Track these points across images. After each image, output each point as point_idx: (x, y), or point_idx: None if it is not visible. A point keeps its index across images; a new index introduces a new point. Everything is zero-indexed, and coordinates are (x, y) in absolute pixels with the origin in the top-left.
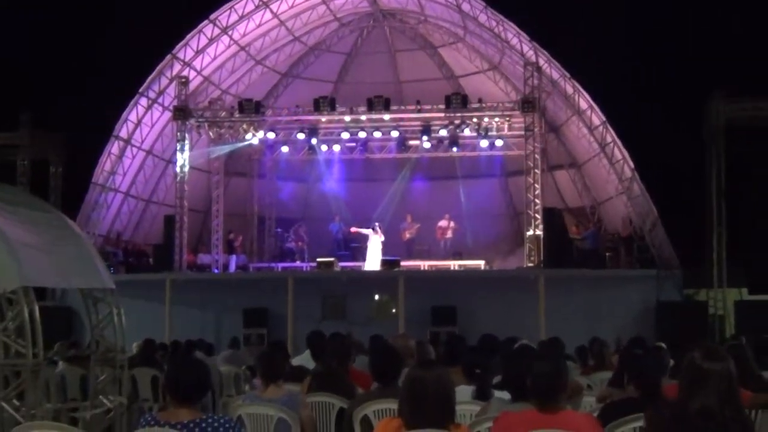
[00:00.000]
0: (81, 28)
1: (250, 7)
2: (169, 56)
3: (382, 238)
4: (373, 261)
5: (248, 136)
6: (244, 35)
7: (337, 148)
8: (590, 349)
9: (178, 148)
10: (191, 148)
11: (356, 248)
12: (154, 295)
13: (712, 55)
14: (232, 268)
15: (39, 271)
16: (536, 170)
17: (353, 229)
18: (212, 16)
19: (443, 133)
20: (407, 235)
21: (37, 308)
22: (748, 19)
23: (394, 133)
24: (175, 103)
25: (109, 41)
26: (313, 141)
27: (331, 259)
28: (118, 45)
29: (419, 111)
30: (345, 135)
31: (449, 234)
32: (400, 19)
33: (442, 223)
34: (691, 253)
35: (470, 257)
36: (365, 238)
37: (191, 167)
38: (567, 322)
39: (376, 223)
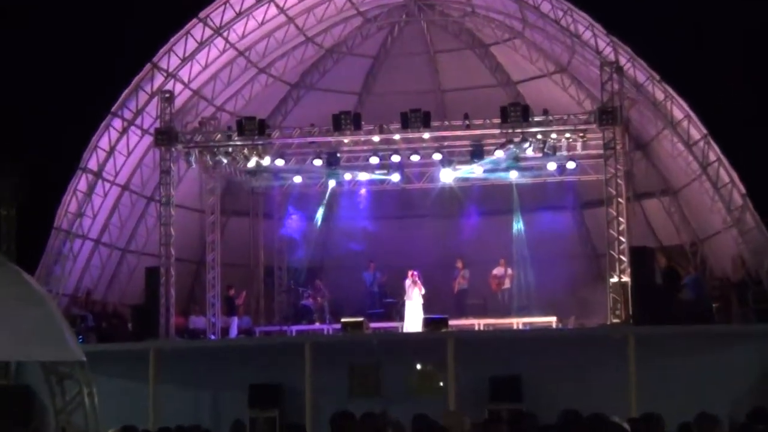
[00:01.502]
0: (37, 34)
1: (250, 1)
2: (148, 66)
3: (423, 291)
4: (413, 320)
5: (251, 164)
6: (243, 37)
7: (364, 176)
8: (697, 427)
9: (161, 181)
10: (178, 182)
11: (391, 305)
12: (134, 369)
13: None
14: (234, 333)
15: None
16: (620, 199)
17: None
18: (202, 14)
19: (499, 154)
20: (457, 286)
21: None
22: None
23: (437, 156)
24: (156, 125)
25: (75, 49)
26: (334, 169)
27: (360, 318)
28: (86, 54)
29: (468, 127)
30: (374, 160)
31: (506, 284)
32: (441, 11)
33: (498, 270)
34: None
35: (538, 313)
36: (401, 291)
37: (178, 206)
38: (666, 394)
39: (415, 272)
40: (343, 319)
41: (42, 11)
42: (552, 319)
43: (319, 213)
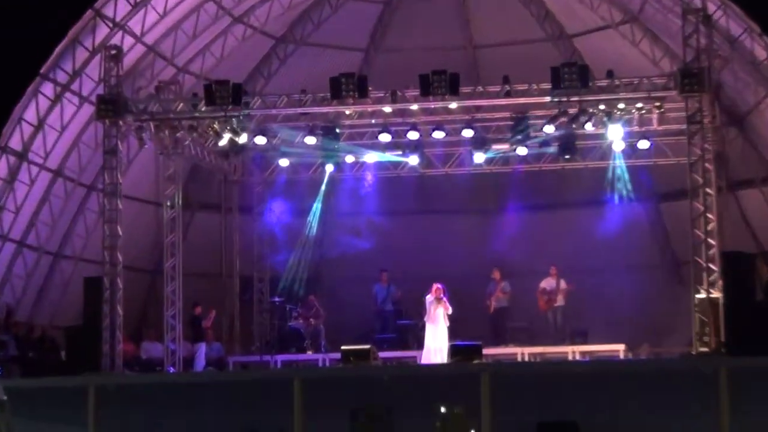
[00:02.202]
0: None
1: None
2: (89, 13)
3: (450, 311)
4: (436, 349)
5: (223, 142)
6: None
7: (371, 159)
8: None
9: (105, 165)
10: (128, 166)
11: (407, 328)
12: (68, 410)
13: None
14: (201, 364)
15: None
16: (708, 190)
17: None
18: None
19: (549, 130)
20: (495, 304)
21: None
22: None
23: (467, 133)
24: (100, 91)
25: None
26: (332, 149)
27: (366, 346)
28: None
29: (508, 94)
30: (384, 137)
31: (559, 300)
32: None
33: (547, 283)
34: None
35: (599, 339)
36: (421, 310)
37: (128, 197)
38: None
39: (440, 286)
40: (344, 347)
41: None
42: (619, 348)
43: (314, 207)
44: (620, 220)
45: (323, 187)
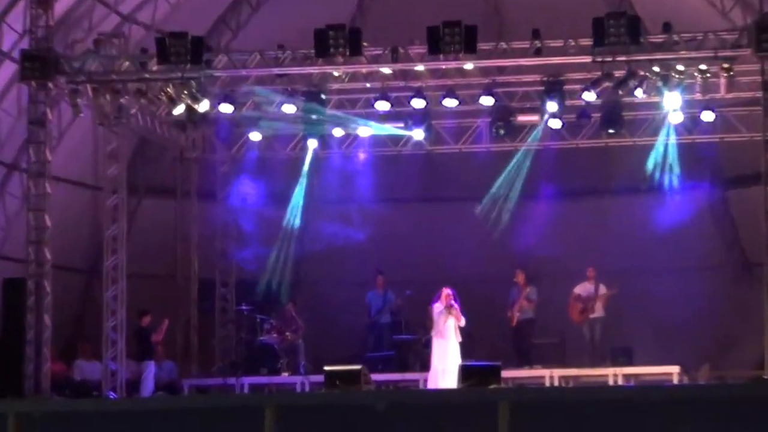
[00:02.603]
0: None
1: None
2: None
3: (463, 323)
4: (444, 369)
5: (178, 110)
6: None
7: (365, 133)
8: None
9: (30, 138)
10: (59, 140)
11: (408, 345)
12: None
13: None
14: (149, 388)
15: None
16: None
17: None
18: None
19: (589, 97)
20: (518, 314)
21: None
22: None
23: (486, 101)
24: (24, 45)
25: None
26: (316, 119)
27: (356, 367)
28: None
29: (538, 53)
30: (382, 105)
31: (598, 310)
32: None
33: (583, 288)
34: None
35: (647, 359)
36: (425, 321)
37: (59, 179)
38: None
39: (450, 291)
40: (327, 368)
41: None
42: (672, 370)
43: (296, 193)
44: (676, 210)
45: (305, 168)
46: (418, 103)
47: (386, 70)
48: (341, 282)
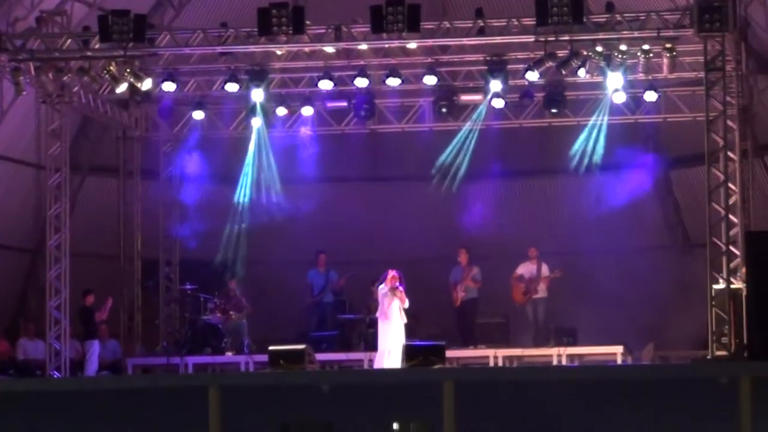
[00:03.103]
0: None
1: None
2: None
3: (406, 304)
4: (389, 350)
5: (121, 88)
6: None
7: (308, 111)
8: None
9: None
10: (1, 118)
11: (352, 324)
12: None
13: None
14: (93, 367)
15: None
16: (731, 154)
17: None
18: None
19: (532, 77)
20: (461, 294)
21: None
22: None
23: (429, 80)
24: None
25: None
26: (257, 97)
27: (300, 346)
28: None
29: (481, 32)
30: (325, 84)
31: (542, 291)
32: None
33: (525, 268)
34: None
35: (591, 340)
36: (370, 302)
37: (1, 157)
38: None
39: (395, 272)
40: (272, 348)
41: None
42: (616, 350)
43: (245, 173)
44: (619, 191)
45: (250, 149)
46: (361, 83)
47: (329, 48)
48: (285, 261)
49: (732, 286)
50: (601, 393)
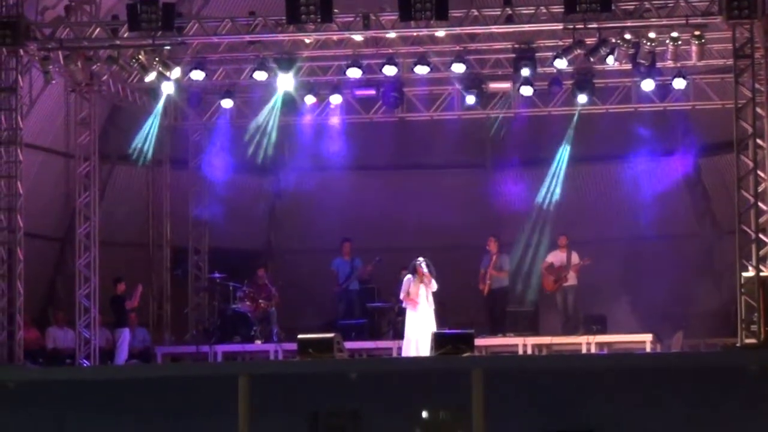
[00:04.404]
0: None
1: None
2: None
3: (434, 287)
4: (417, 338)
5: (150, 77)
6: None
7: (336, 100)
8: None
9: (1, 105)
10: (30, 107)
11: (380, 313)
12: None
13: None
14: (123, 356)
15: None
16: (760, 141)
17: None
18: None
19: (560, 64)
20: (490, 283)
21: None
22: None
23: (458, 68)
24: None
25: None
26: (286, 86)
27: (329, 335)
28: None
29: (509, 20)
30: (353, 72)
31: (571, 279)
32: None
33: (555, 256)
34: None
35: (621, 328)
36: (398, 290)
37: (30, 146)
38: None
39: (421, 260)
40: (301, 336)
41: None
42: (645, 338)
43: (267, 161)
44: (648, 178)
45: (274, 136)
46: (389, 71)
47: (357, 37)
48: (314, 249)
49: (761, 274)
50: (630, 381)
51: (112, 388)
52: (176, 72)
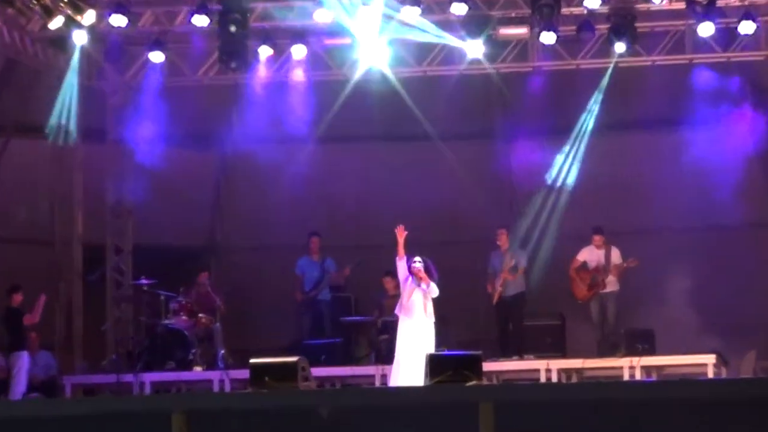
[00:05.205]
0: None
1: None
2: None
3: (435, 294)
4: (409, 359)
5: (55, 23)
6: None
7: (299, 52)
8: None
9: None
10: None
11: (358, 328)
12: None
13: None
14: (21, 387)
15: None
16: None
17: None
18: None
19: (592, 3)
20: (501, 288)
21: None
22: None
23: (458, 8)
24: None
25: None
26: (237, 36)
27: (291, 359)
28: None
29: None
30: (322, 16)
31: (611, 284)
32: None
33: (590, 253)
34: None
35: (673, 346)
36: (384, 298)
37: None
38: None
39: (420, 260)
40: (254, 361)
41: None
42: (708, 360)
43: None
44: (707, 150)
45: (219, 97)
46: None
47: None
48: (271, 246)
49: None
50: (687, 417)
51: (7, 430)
52: (90, 16)
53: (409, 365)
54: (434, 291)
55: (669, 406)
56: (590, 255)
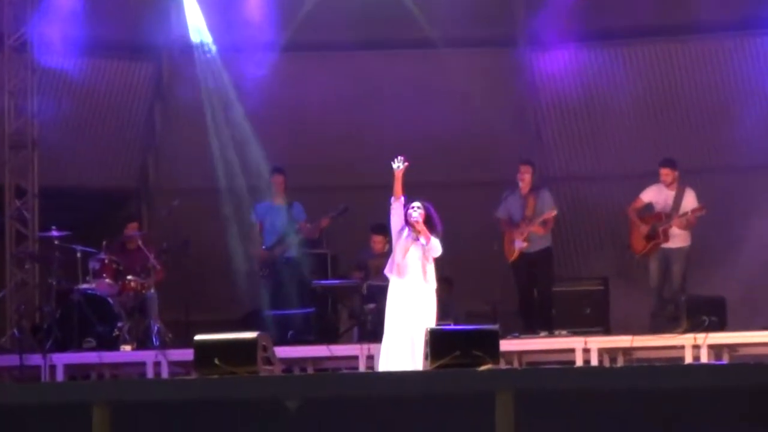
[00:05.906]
0: None
1: None
2: None
3: (437, 252)
4: (404, 337)
5: None
6: None
7: None
8: None
9: None
10: None
11: (338, 295)
12: None
13: None
14: None
15: None
16: None
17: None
18: None
19: None
20: (522, 244)
21: None
22: None
23: None
24: None
25: None
26: None
27: (249, 335)
28: None
29: None
30: None
31: (679, 238)
32: None
33: (656, 192)
34: None
35: (748, 322)
36: (372, 255)
37: None
38: None
39: (416, 205)
40: (199, 337)
41: None
42: (764, 336)
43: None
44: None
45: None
46: None
47: None
48: (220, 188)
49: None
50: (763, 410)
51: None
52: None
53: (403, 343)
54: (436, 249)
55: (743, 396)
56: (658, 194)
